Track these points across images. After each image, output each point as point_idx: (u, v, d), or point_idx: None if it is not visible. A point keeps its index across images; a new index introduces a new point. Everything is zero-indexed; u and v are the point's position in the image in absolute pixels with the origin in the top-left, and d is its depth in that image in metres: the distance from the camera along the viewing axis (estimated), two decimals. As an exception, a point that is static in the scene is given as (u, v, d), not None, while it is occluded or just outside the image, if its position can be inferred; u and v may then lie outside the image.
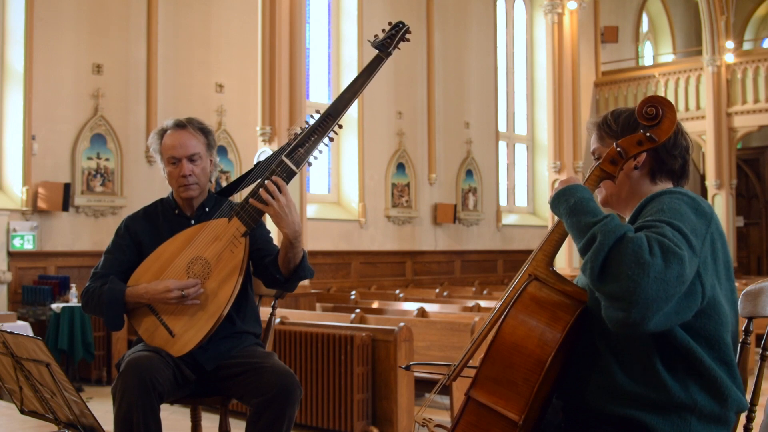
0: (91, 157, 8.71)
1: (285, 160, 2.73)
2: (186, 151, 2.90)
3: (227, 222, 2.78)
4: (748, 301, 2.10)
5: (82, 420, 2.38)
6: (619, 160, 1.90)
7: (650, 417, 1.77)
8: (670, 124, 1.87)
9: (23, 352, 2.37)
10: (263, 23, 8.41)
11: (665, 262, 1.61)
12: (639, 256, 1.61)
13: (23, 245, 8.13)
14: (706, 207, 1.82)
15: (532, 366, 1.76)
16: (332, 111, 2.77)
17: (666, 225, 1.69)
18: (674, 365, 1.79)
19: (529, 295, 1.85)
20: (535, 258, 1.92)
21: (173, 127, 2.95)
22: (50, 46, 8.50)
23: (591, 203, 1.79)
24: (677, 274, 1.62)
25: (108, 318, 2.81)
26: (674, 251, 1.62)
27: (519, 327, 1.80)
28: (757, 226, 18.25)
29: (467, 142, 13.12)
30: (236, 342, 2.88)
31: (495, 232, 13.63)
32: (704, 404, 1.78)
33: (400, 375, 5.07)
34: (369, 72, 2.77)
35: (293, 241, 2.70)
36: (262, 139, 8.43)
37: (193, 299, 2.72)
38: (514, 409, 1.75)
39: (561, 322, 1.79)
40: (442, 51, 12.59)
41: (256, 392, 2.69)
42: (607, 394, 1.82)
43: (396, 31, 2.76)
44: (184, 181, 2.89)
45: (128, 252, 2.92)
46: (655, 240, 1.64)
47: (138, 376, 2.57)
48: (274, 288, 2.93)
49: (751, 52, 16.27)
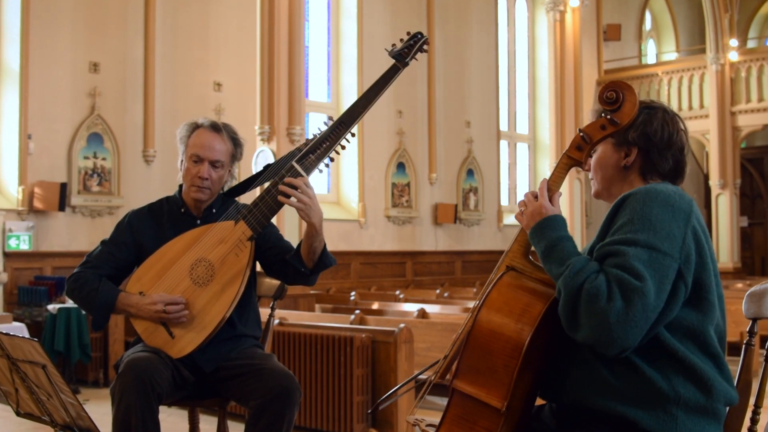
0: (87, 157, 8.66)
1: (295, 165, 2.72)
2: (212, 155, 2.88)
3: (233, 225, 2.77)
4: (753, 302, 2.06)
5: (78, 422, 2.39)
6: (584, 146, 1.95)
7: (635, 412, 1.77)
8: (631, 107, 1.91)
9: (19, 354, 2.37)
10: (262, 21, 8.39)
11: (625, 302, 1.68)
12: (596, 306, 1.69)
13: (19, 245, 8.09)
14: (682, 204, 1.82)
15: (511, 351, 1.77)
16: (345, 119, 2.77)
17: (631, 246, 1.73)
18: (654, 358, 1.80)
19: (505, 283, 1.90)
20: (511, 249, 1.97)
21: (208, 127, 2.93)
22: (46, 44, 8.46)
23: (557, 246, 1.84)
24: (641, 308, 1.68)
25: (95, 317, 2.83)
26: (634, 287, 1.68)
27: (495, 314, 1.83)
28: (761, 226, 18.16)
29: (468, 141, 13.06)
30: (235, 344, 2.87)
31: (496, 232, 13.57)
32: (689, 396, 1.78)
33: (400, 377, 5.04)
34: (384, 81, 2.77)
35: (319, 229, 2.73)
36: (261, 138, 8.40)
37: (176, 318, 2.72)
38: (497, 397, 1.76)
39: (537, 307, 1.81)
40: (443, 49, 12.53)
41: (255, 394, 2.68)
42: (592, 389, 1.82)
43: (414, 42, 2.78)
44: (199, 182, 2.88)
45: (124, 250, 2.92)
46: (614, 279, 1.70)
47: (137, 377, 2.56)
48: (297, 283, 2.91)
49: (756, 50, 16.22)
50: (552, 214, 1.92)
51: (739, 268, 15.53)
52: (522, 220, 1.97)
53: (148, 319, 2.74)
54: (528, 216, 1.94)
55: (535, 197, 1.97)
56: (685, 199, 1.84)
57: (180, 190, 3.00)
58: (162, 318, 2.71)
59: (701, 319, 1.82)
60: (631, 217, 1.79)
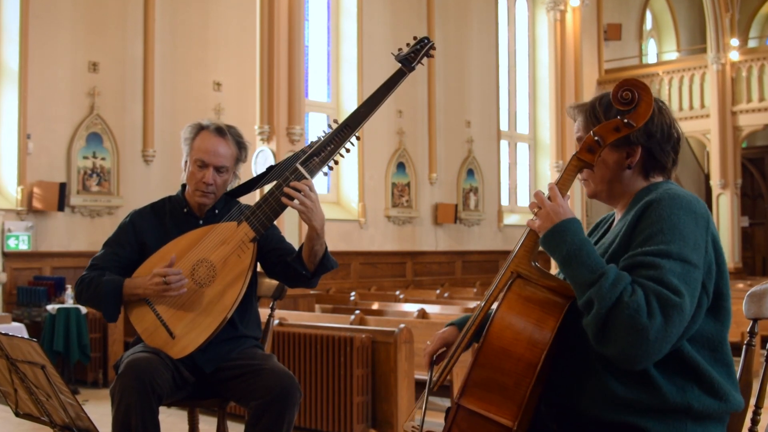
0: (87, 157, 8.65)
1: (299, 167, 2.72)
2: (217, 160, 2.88)
3: (236, 226, 2.77)
4: (753, 302, 2.05)
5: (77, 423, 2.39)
6: (596, 149, 1.86)
7: (646, 421, 1.74)
8: (647, 108, 1.83)
9: (18, 354, 2.37)
10: (262, 21, 8.38)
11: (665, 319, 1.63)
12: (636, 321, 1.62)
13: (18, 245, 8.07)
14: (701, 208, 1.79)
15: (523, 370, 1.71)
16: (350, 122, 2.76)
17: (666, 259, 1.68)
18: (672, 371, 1.76)
19: (514, 294, 1.81)
20: (516, 254, 1.88)
21: (213, 130, 2.92)
22: (46, 43, 8.45)
23: (582, 251, 1.76)
24: (678, 323, 1.64)
25: (105, 308, 2.81)
26: (674, 303, 1.64)
27: (506, 330, 1.76)
28: (762, 227, 18.13)
29: (468, 141, 13.04)
30: (236, 345, 2.87)
31: (496, 232, 13.55)
32: (701, 407, 1.76)
33: (400, 377, 5.04)
34: (390, 85, 2.75)
35: (320, 232, 2.73)
36: (261, 138, 8.39)
37: (178, 286, 2.69)
38: (508, 415, 1.71)
39: (550, 322, 1.75)
40: (443, 48, 12.50)
41: (254, 394, 2.68)
42: (601, 401, 1.78)
43: (421, 47, 2.77)
44: (204, 188, 2.89)
45: (128, 249, 2.92)
46: (653, 294, 1.64)
47: (137, 378, 2.56)
48: (298, 286, 2.92)
49: (757, 49, 16.20)
50: (570, 216, 1.83)
51: (740, 268, 15.50)
52: (534, 225, 1.87)
53: (153, 294, 2.72)
54: (543, 218, 1.84)
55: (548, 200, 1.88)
56: (702, 205, 1.81)
57: (183, 189, 3.00)
58: (164, 289, 2.69)
59: (719, 329, 1.80)
60: (660, 226, 1.73)
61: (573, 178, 1.90)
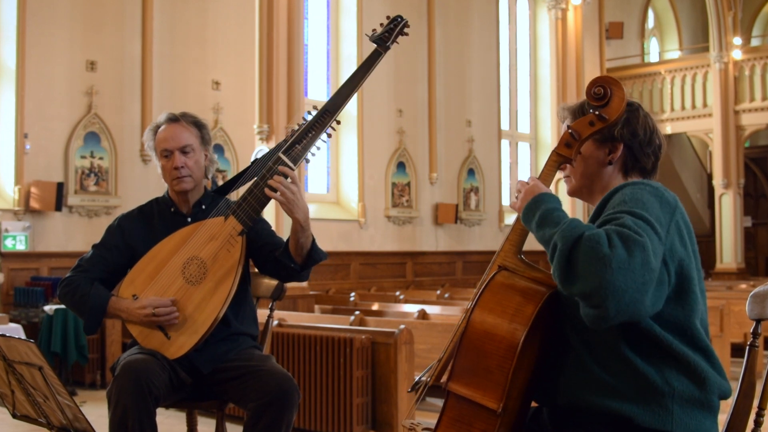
0: (84, 156, 8.62)
1: (282, 157, 2.73)
2: (178, 143, 2.90)
3: (223, 221, 2.78)
4: (756, 303, 2.04)
5: (75, 424, 2.40)
6: (573, 143, 1.95)
7: (630, 408, 1.78)
8: (620, 102, 1.92)
9: (15, 355, 2.37)
10: (261, 19, 8.37)
11: (627, 251, 1.63)
12: (597, 251, 1.63)
13: (15, 246, 8.04)
14: (669, 197, 1.86)
15: (505, 352, 1.77)
16: (330, 107, 2.77)
17: (627, 215, 1.72)
18: (647, 353, 1.80)
19: (497, 283, 1.88)
20: (503, 249, 1.96)
21: (166, 121, 2.97)
22: (43, 42, 8.42)
23: (554, 213, 1.82)
24: (641, 261, 1.63)
25: (87, 320, 2.84)
26: (634, 239, 1.65)
27: (488, 315, 1.83)
28: (765, 227, 18.10)
29: (469, 140, 13.01)
30: (233, 344, 2.87)
31: (497, 232, 13.52)
32: (683, 389, 1.79)
33: (400, 378, 5.04)
34: (367, 67, 2.76)
35: (304, 224, 2.71)
36: (260, 137, 8.38)
37: (166, 320, 2.71)
38: (492, 398, 1.77)
39: (530, 306, 1.81)
40: (444, 47, 12.47)
41: (253, 396, 2.68)
42: (585, 387, 1.83)
43: (394, 25, 2.79)
44: (177, 173, 2.90)
45: (116, 253, 2.93)
46: (614, 232, 1.67)
47: (133, 380, 2.56)
48: (290, 280, 2.93)
49: (759, 48, 16.14)
50: (547, 191, 1.91)
51: (742, 268, 15.47)
52: (515, 205, 1.95)
53: (139, 323, 2.75)
54: (522, 197, 1.92)
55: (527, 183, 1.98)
56: (672, 195, 1.88)
57: (168, 191, 3.03)
58: (152, 321, 2.72)
59: (687, 314, 1.82)
60: (623, 198, 1.81)
61: (553, 173, 1.97)
